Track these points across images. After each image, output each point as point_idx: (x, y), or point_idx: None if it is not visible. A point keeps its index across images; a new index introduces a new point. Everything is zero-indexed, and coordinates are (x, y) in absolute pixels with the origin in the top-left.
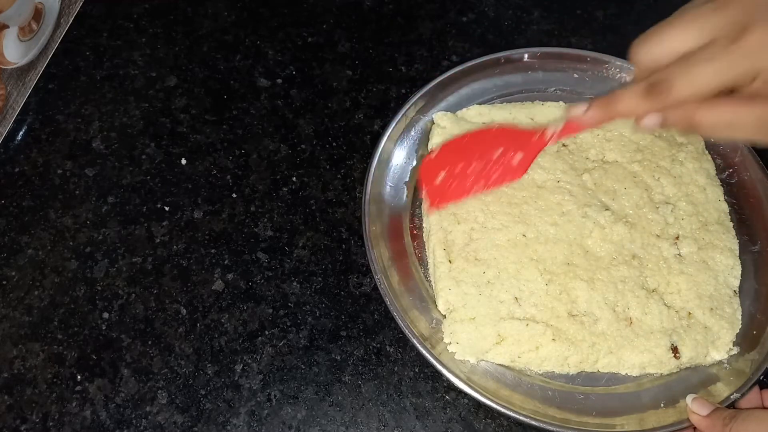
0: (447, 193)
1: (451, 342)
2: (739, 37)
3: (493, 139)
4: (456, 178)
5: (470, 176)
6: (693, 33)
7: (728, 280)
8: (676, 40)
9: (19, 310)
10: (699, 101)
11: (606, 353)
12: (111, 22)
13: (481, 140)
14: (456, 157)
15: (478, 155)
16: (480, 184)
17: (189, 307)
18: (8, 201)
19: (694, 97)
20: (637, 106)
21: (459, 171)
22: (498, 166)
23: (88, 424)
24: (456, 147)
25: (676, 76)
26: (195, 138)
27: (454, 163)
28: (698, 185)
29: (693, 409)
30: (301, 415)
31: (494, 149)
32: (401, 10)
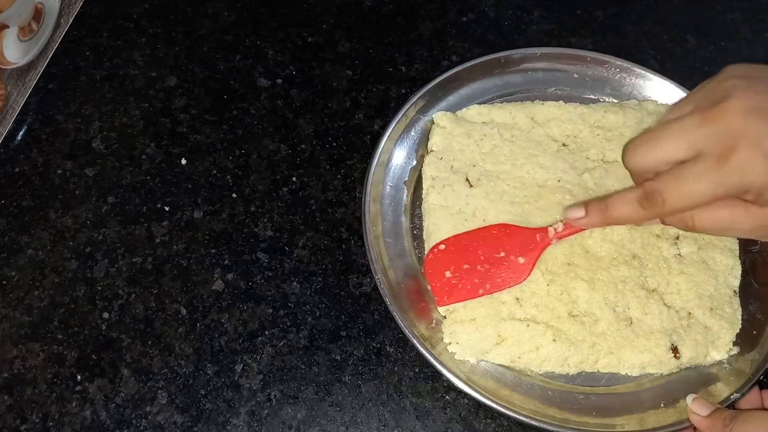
0: (454, 293)
1: (451, 342)
2: (727, 156)
3: (495, 238)
4: (462, 277)
5: (475, 277)
6: (681, 145)
7: (728, 280)
8: (666, 151)
9: (19, 310)
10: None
11: (606, 353)
12: (111, 22)
13: (485, 239)
14: (461, 255)
15: (482, 255)
16: (486, 287)
17: (189, 307)
18: (8, 201)
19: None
20: (632, 213)
21: (465, 271)
22: (502, 268)
23: (88, 424)
24: (461, 244)
25: (668, 189)
26: (195, 138)
27: (459, 261)
28: None
29: (693, 409)
30: (301, 415)
31: (498, 250)
32: (401, 10)
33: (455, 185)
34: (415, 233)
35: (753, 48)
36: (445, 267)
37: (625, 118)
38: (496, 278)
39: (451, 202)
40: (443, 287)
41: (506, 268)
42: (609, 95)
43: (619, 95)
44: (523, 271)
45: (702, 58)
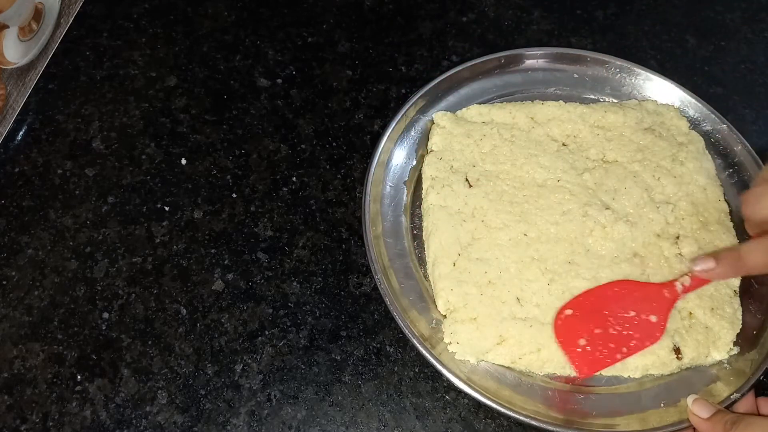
0: (595, 363)
1: (451, 342)
2: None
3: (621, 297)
4: (597, 343)
5: (610, 341)
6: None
7: (729, 281)
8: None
9: (19, 310)
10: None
11: None
12: (111, 22)
13: (609, 300)
14: (590, 319)
15: (611, 317)
16: (623, 350)
17: (189, 307)
18: (8, 201)
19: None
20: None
21: (598, 336)
22: (635, 329)
23: (88, 424)
24: (587, 307)
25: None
26: (195, 138)
27: (590, 326)
28: (699, 185)
29: (694, 411)
30: (301, 415)
31: (626, 310)
32: (401, 10)
33: (454, 185)
34: (415, 233)
35: (753, 48)
36: (578, 335)
37: (625, 117)
38: (631, 340)
39: (450, 202)
40: (582, 357)
41: (639, 328)
42: (609, 95)
43: (619, 95)
44: (657, 329)
45: (702, 58)
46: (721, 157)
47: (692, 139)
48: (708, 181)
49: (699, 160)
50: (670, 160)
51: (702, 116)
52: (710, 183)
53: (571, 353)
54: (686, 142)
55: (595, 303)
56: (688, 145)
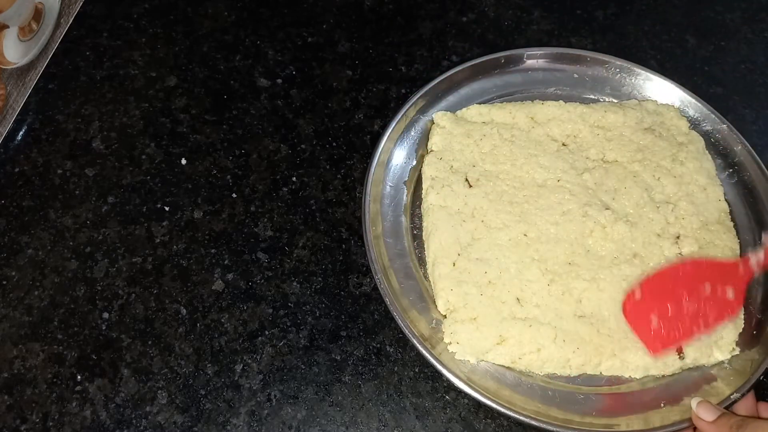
0: (668, 339)
1: (451, 342)
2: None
3: (695, 274)
4: (671, 321)
5: (685, 317)
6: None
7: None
8: None
9: (19, 310)
10: None
11: (610, 356)
12: (111, 22)
13: (683, 277)
14: (662, 297)
15: (686, 294)
16: (699, 325)
17: (189, 307)
18: (8, 201)
19: None
20: None
21: (672, 313)
22: (711, 303)
23: (88, 424)
24: (657, 286)
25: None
26: (195, 138)
27: (662, 304)
28: (699, 185)
29: (699, 414)
30: (301, 415)
31: (701, 285)
32: (401, 10)
33: (454, 185)
34: (415, 233)
35: (753, 48)
36: (649, 312)
37: (625, 117)
38: (708, 316)
39: (450, 202)
40: (654, 336)
41: (716, 303)
42: (609, 95)
43: (619, 95)
44: (736, 304)
45: (702, 58)
46: (721, 157)
47: (692, 139)
48: (708, 181)
49: (699, 160)
50: (670, 160)
51: (702, 116)
52: (710, 183)
53: (644, 336)
54: (686, 142)
55: (665, 282)
56: (688, 145)
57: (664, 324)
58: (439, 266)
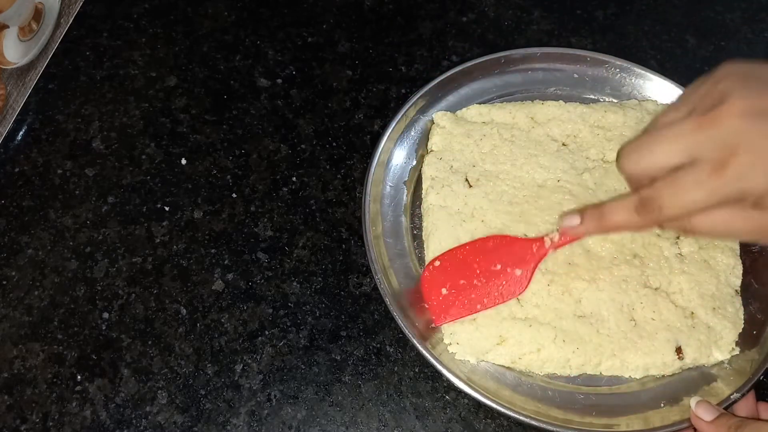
0: (451, 310)
1: (451, 342)
2: (724, 163)
3: (490, 251)
4: (459, 293)
5: (472, 292)
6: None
7: (730, 280)
8: (661, 157)
9: (19, 310)
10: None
11: (609, 356)
12: (111, 22)
13: (480, 253)
14: (457, 270)
15: (478, 269)
16: (483, 301)
17: (189, 307)
18: (8, 201)
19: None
20: (629, 221)
21: (461, 286)
22: (499, 281)
23: (88, 424)
24: (456, 259)
25: (664, 196)
26: (195, 138)
27: (455, 277)
28: None
29: (697, 413)
30: (301, 415)
31: (494, 263)
32: (401, 10)
33: (454, 185)
34: (415, 233)
35: (753, 48)
36: (442, 284)
37: (625, 117)
38: (494, 292)
39: (449, 203)
40: (440, 305)
41: (503, 280)
42: (609, 95)
43: (619, 95)
44: (521, 283)
45: (702, 58)
46: None
47: None
48: None
49: None
50: None
51: None
52: None
53: (432, 302)
54: None
55: (466, 256)
56: None
57: (451, 296)
58: None
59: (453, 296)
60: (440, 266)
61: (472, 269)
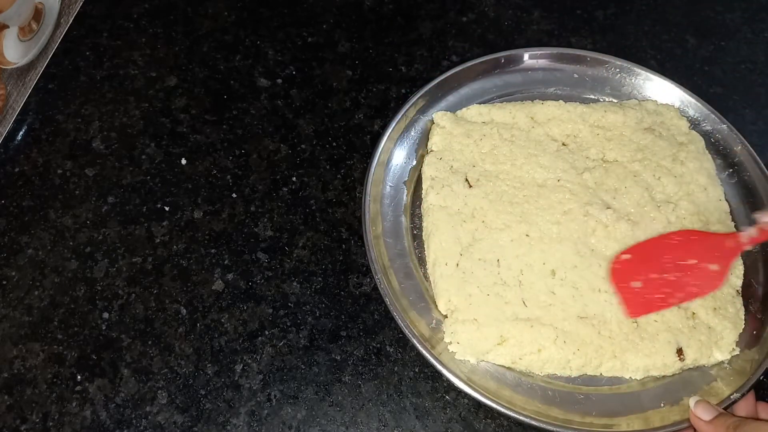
0: (648, 304)
1: (451, 342)
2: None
3: (684, 246)
4: (653, 287)
5: (667, 285)
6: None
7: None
8: None
9: (19, 310)
10: None
11: (610, 357)
12: (111, 22)
13: (672, 247)
14: (648, 264)
15: (670, 263)
16: (679, 295)
17: (189, 307)
18: (8, 201)
19: None
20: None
21: (653, 280)
22: (694, 275)
23: (88, 424)
24: (645, 253)
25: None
26: (195, 138)
27: (647, 270)
28: (699, 185)
29: (696, 413)
30: (301, 415)
31: (687, 257)
32: (401, 10)
33: (454, 185)
34: (415, 233)
35: (753, 48)
36: (632, 277)
37: (625, 117)
38: (689, 286)
39: (450, 203)
40: (634, 298)
41: (698, 275)
42: (609, 95)
43: (619, 95)
44: (717, 278)
45: (702, 58)
46: (721, 157)
47: (692, 138)
48: (708, 181)
49: (699, 160)
50: (670, 159)
51: (702, 116)
52: (711, 183)
53: (625, 295)
54: (686, 141)
55: (655, 250)
56: (689, 145)
57: (646, 289)
58: (440, 266)
59: (647, 290)
60: (630, 260)
61: (663, 263)
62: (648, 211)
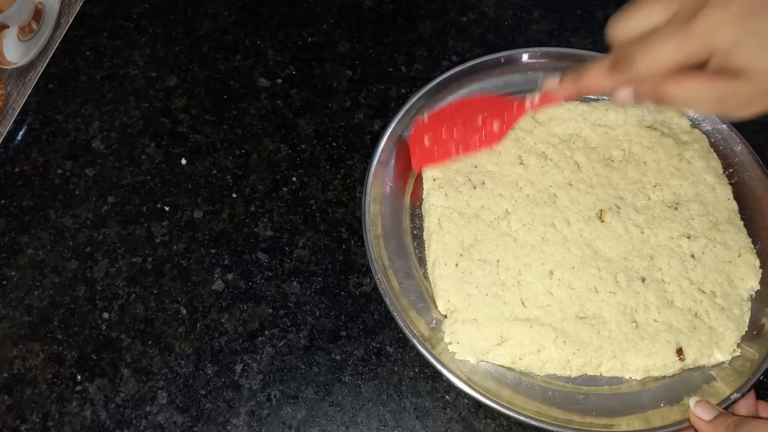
0: (431, 156)
1: (451, 342)
2: (694, 16)
3: (476, 107)
4: (440, 142)
5: (452, 140)
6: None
7: (746, 284)
8: (644, 17)
9: (19, 310)
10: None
11: (610, 357)
12: (111, 22)
13: (466, 108)
14: (441, 123)
15: (461, 122)
16: (460, 147)
17: (189, 307)
18: (8, 201)
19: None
20: (603, 80)
21: (443, 135)
22: (479, 132)
23: (88, 424)
24: (442, 115)
25: (636, 52)
26: (195, 138)
27: (438, 129)
28: (707, 184)
29: (696, 413)
30: (301, 415)
31: (476, 117)
32: (401, 10)
33: (456, 186)
34: (415, 233)
35: None
36: (425, 134)
37: (626, 115)
38: (470, 141)
39: (452, 203)
40: (422, 153)
41: (481, 133)
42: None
43: None
44: (497, 137)
45: None
46: (721, 157)
47: (696, 137)
48: (716, 180)
49: (705, 158)
50: (677, 159)
51: (702, 116)
52: (719, 182)
53: (414, 151)
54: (690, 140)
55: (452, 112)
56: (693, 144)
57: (433, 144)
58: (440, 266)
59: (433, 144)
60: (427, 122)
61: (455, 121)
62: (656, 212)
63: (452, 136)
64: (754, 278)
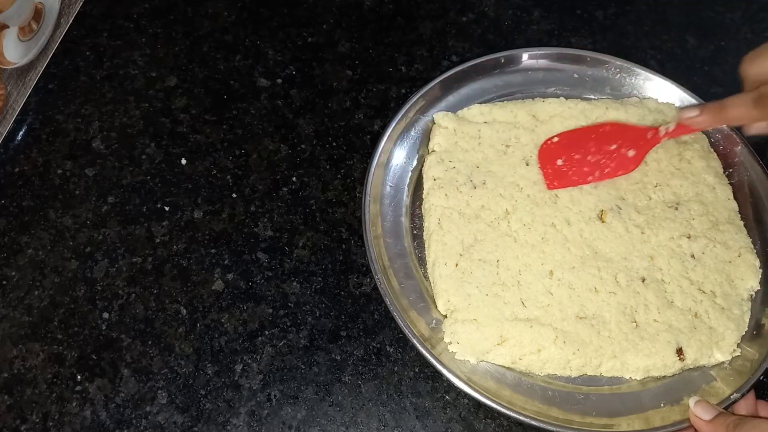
0: (565, 178)
1: (451, 342)
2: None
3: (608, 134)
4: (574, 165)
5: (586, 165)
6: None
7: (746, 284)
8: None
9: (19, 310)
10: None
11: (610, 357)
12: (111, 22)
13: (597, 134)
14: (574, 146)
15: (594, 147)
16: (595, 174)
17: (189, 307)
18: (8, 201)
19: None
20: (746, 114)
21: (577, 159)
22: (612, 159)
23: (88, 424)
24: (573, 137)
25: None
26: (195, 138)
27: (571, 151)
28: (707, 184)
29: (696, 413)
30: (301, 415)
31: (609, 143)
32: (401, 10)
33: (457, 186)
34: (415, 233)
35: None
36: (557, 156)
37: (627, 114)
38: (606, 168)
39: (452, 203)
40: (554, 173)
41: (616, 159)
42: (609, 95)
43: (619, 95)
44: (632, 162)
45: (702, 58)
46: (722, 157)
47: (696, 137)
48: (716, 180)
49: (705, 158)
50: (677, 159)
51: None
52: (719, 182)
53: (546, 170)
54: (690, 140)
55: (582, 135)
56: (693, 144)
57: (566, 167)
58: (440, 266)
59: (567, 167)
60: (558, 143)
61: (587, 147)
62: (656, 212)
63: (586, 159)
64: (754, 278)
